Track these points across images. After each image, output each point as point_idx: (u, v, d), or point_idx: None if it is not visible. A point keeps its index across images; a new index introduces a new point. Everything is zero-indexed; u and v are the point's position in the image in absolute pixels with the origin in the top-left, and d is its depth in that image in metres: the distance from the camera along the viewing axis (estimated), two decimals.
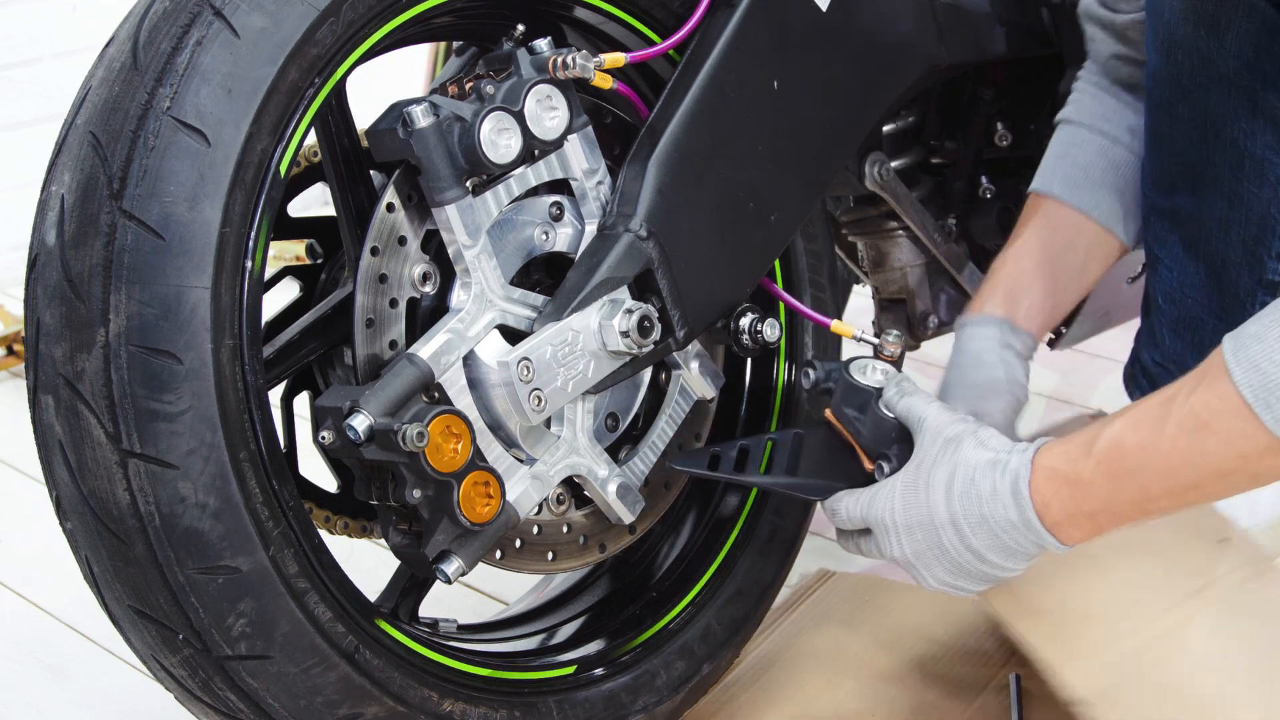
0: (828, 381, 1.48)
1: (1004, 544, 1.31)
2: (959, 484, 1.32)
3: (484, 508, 1.32)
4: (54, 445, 1.22)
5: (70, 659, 1.87)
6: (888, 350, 1.48)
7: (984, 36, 1.75)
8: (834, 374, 1.48)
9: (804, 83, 1.51)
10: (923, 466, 1.35)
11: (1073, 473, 1.27)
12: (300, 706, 1.27)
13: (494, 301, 1.36)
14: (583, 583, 1.66)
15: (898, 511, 1.35)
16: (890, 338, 1.48)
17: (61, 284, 1.20)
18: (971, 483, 1.31)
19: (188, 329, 1.19)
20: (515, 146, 1.34)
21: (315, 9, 1.26)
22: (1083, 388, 2.41)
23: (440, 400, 1.32)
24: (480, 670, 1.41)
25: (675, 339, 1.42)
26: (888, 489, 1.36)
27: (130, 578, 1.22)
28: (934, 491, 1.33)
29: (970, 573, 1.34)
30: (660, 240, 1.40)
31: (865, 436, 1.44)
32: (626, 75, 1.51)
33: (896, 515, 1.35)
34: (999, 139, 1.85)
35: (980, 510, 1.30)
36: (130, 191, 1.19)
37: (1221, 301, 1.57)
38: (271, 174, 1.25)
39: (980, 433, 1.35)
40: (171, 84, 1.20)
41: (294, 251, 1.48)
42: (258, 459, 1.24)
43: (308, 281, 1.50)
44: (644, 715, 1.52)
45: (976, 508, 1.31)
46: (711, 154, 1.44)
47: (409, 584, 1.43)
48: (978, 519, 1.31)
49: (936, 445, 1.35)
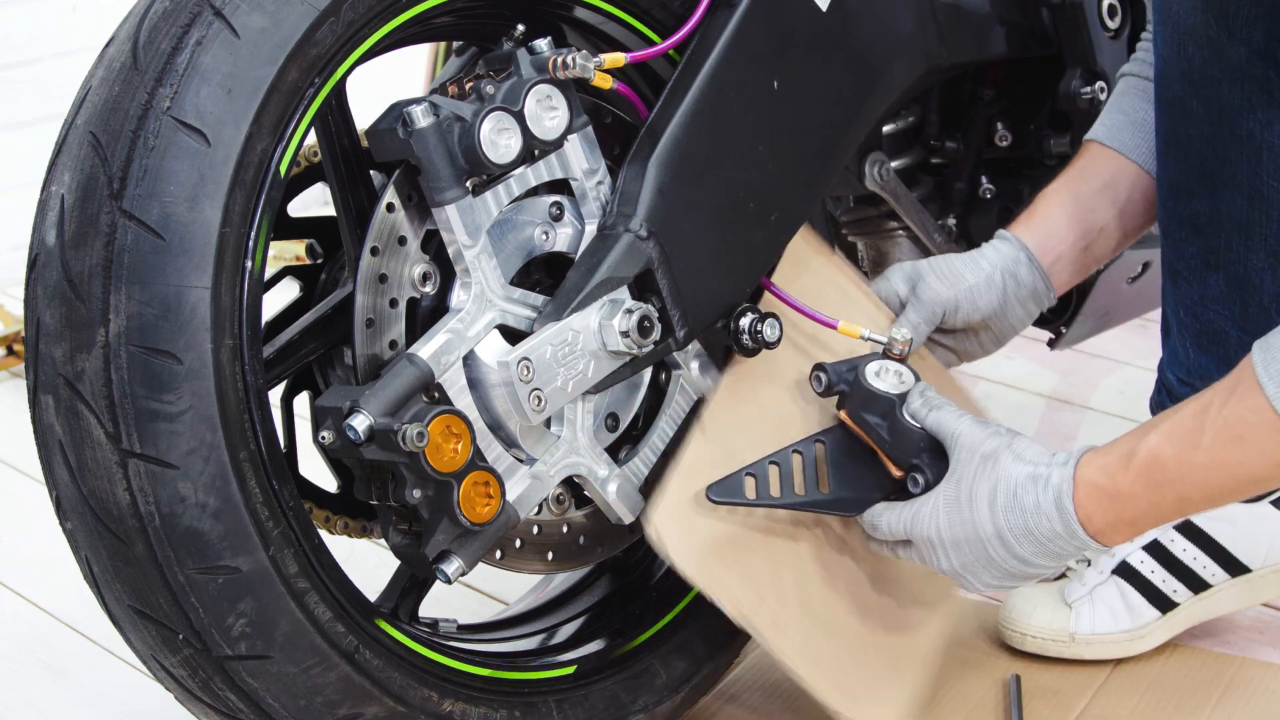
0: (840, 385, 1.48)
1: (1050, 551, 1.36)
2: (1001, 499, 1.35)
3: (484, 508, 1.32)
4: (54, 445, 1.22)
5: (70, 659, 1.87)
6: (896, 349, 1.48)
7: (984, 36, 1.75)
8: (846, 377, 1.47)
9: (804, 83, 1.51)
10: (963, 483, 1.38)
11: (1113, 486, 1.32)
12: (300, 706, 1.27)
13: (494, 301, 1.36)
14: (583, 583, 1.66)
15: (943, 529, 1.38)
16: (899, 335, 1.48)
17: (61, 284, 1.20)
18: (1014, 497, 1.35)
19: (188, 329, 1.19)
20: (515, 146, 1.34)
21: (315, 9, 1.26)
22: (1083, 388, 2.41)
23: (440, 400, 1.32)
24: (480, 670, 1.41)
25: (675, 339, 1.42)
26: (930, 505, 1.39)
27: (130, 578, 1.22)
28: (978, 507, 1.36)
29: (1016, 575, 1.38)
30: (660, 240, 1.40)
31: (890, 444, 1.45)
32: (626, 75, 1.51)
33: (942, 532, 1.38)
34: (999, 139, 1.85)
35: (1025, 523, 1.35)
36: (130, 191, 1.19)
37: (1244, 311, 1.55)
38: (271, 174, 1.25)
39: (1015, 445, 1.38)
40: (171, 84, 1.20)
41: (294, 251, 1.48)
42: (258, 459, 1.24)
43: (308, 281, 1.50)
44: (644, 715, 1.52)
45: (1021, 521, 1.35)
46: (711, 154, 1.44)
47: (409, 584, 1.43)
48: (1023, 531, 1.35)
49: (974, 461, 1.38)
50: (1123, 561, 1.68)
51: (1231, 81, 1.47)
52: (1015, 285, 1.58)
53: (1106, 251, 1.64)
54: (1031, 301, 1.60)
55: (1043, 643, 1.68)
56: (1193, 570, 1.68)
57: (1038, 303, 1.60)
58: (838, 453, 1.48)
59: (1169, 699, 1.61)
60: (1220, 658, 1.68)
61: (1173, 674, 1.65)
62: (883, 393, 1.44)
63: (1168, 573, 1.67)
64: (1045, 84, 1.82)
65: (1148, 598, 1.67)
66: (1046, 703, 1.61)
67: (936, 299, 1.56)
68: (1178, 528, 1.67)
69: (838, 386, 1.48)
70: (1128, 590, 1.67)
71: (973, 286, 1.56)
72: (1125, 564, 1.67)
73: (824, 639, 1.49)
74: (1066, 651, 1.67)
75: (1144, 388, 1.76)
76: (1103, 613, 1.67)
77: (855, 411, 1.46)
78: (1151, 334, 1.70)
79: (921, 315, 1.56)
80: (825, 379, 1.48)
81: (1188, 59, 1.49)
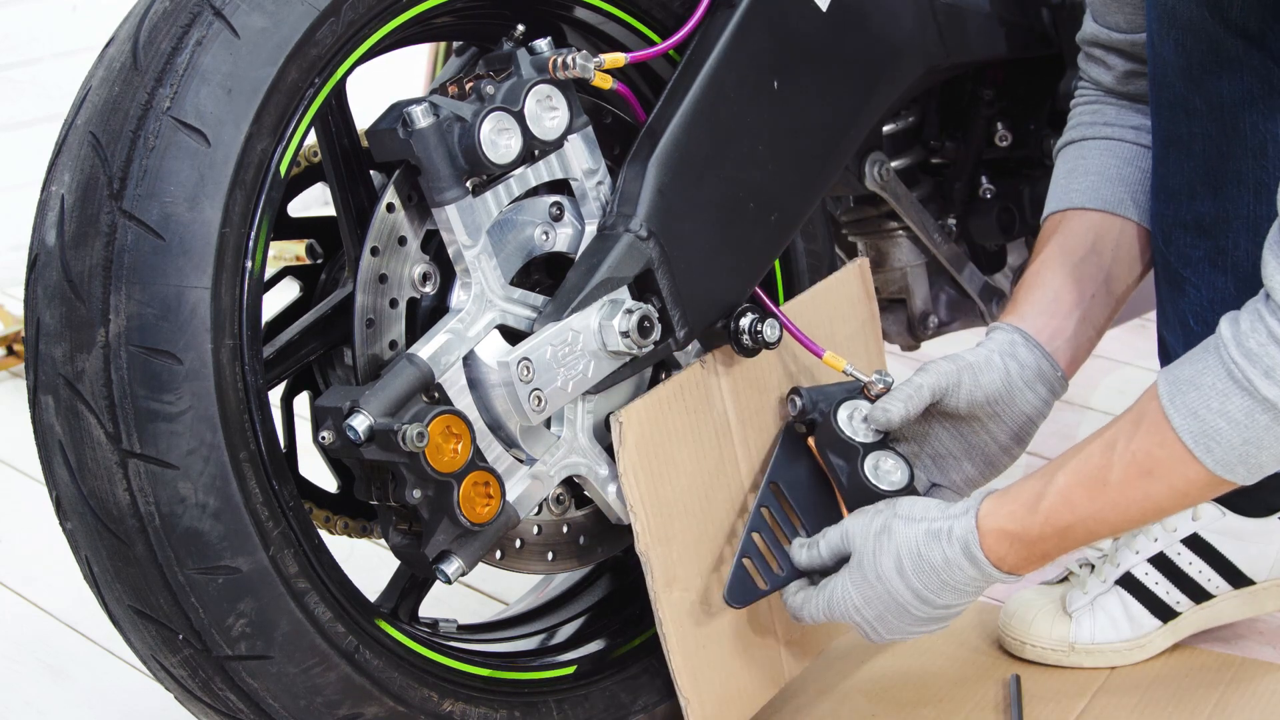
0: (813, 413, 1.49)
1: (967, 593, 1.38)
2: (909, 563, 1.37)
3: (484, 508, 1.32)
4: (54, 445, 1.22)
5: (70, 659, 1.87)
6: (874, 392, 1.48)
7: (984, 36, 1.75)
8: (820, 406, 1.49)
9: (804, 83, 1.51)
10: (865, 562, 1.39)
11: (1022, 530, 1.34)
12: (300, 707, 1.27)
13: (494, 302, 1.36)
14: (583, 583, 1.66)
15: (861, 608, 1.40)
16: (877, 379, 1.48)
17: (61, 284, 1.20)
18: (919, 558, 1.37)
19: (188, 329, 1.19)
20: (515, 146, 1.34)
21: (315, 9, 1.26)
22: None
23: (440, 400, 1.32)
24: (480, 670, 1.41)
25: (675, 339, 1.42)
26: (840, 588, 1.41)
27: (130, 578, 1.22)
28: (887, 579, 1.38)
29: (946, 618, 1.41)
30: (660, 240, 1.40)
31: (845, 489, 1.47)
32: (626, 75, 1.51)
33: (861, 610, 1.40)
34: (999, 139, 1.85)
35: (939, 579, 1.37)
36: (130, 191, 1.19)
37: None
38: (271, 174, 1.25)
39: (899, 508, 1.40)
40: (171, 84, 1.20)
41: (294, 251, 1.48)
42: (258, 459, 1.24)
43: (308, 281, 1.50)
44: (644, 715, 1.52)
45: (935, 578, 1.37)
46: (712, 154, 1.44)
47: (409, 584, 1.43)
48: (939, 586, 1.37)
49: (870, 541, 1.39)
50: (1127, 573, 1.67)
51: (1231, 74, 1.45)
52: (1018, 367, 1.49)
53: (1103, 318, 1.57)
54: (1040, 383, 1.50)
55: (1042, 651, 1.68)
56: (1196, 582, 1.67)
57: (1047, 385, 1.50)
58: (793, 488, 1.50)
59: (1169, 699, 1.61)
60: (1220, 658, 1.68)
61: (1173, 674, 1.65)
62: (849, 440, 1.46)
63: (1171, 584, 1.67)
64: (1045, 84, 1.82)
65: (1149, 608, 1.67)
66: (1046, 703, 1.61)
67: (938, 369, 1.48)
68: (1184, 541, 1.66)
69: (810, 414, 1.50)
70: (1129, 601, 1.67)
71: (973, 364, 1.48)
72: (1129, 575, 1.67)
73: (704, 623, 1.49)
74: (1065, 660, 1.67)
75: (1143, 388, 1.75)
76: (1103, 621, 1.67)
77: (821, 445, 1.49)
78: (1151, 334, 1.69)
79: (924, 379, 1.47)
80: (800, 404, 1.50)
81: (1186, 54, 1.47)
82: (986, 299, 1.89)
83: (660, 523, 1.44)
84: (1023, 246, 1.94)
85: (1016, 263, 1.94)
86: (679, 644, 1.46)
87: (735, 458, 1.51)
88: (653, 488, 1.43)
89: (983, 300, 1.89)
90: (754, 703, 1.54)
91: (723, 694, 1.50)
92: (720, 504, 1.50)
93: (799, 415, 1.50)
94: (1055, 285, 1.54)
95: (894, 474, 1.45)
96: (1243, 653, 1.69)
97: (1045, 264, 1.56)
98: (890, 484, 1.45)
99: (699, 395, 1.48)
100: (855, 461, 1.45)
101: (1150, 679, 1.65)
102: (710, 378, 1.49)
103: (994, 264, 1.92)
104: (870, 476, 1.45)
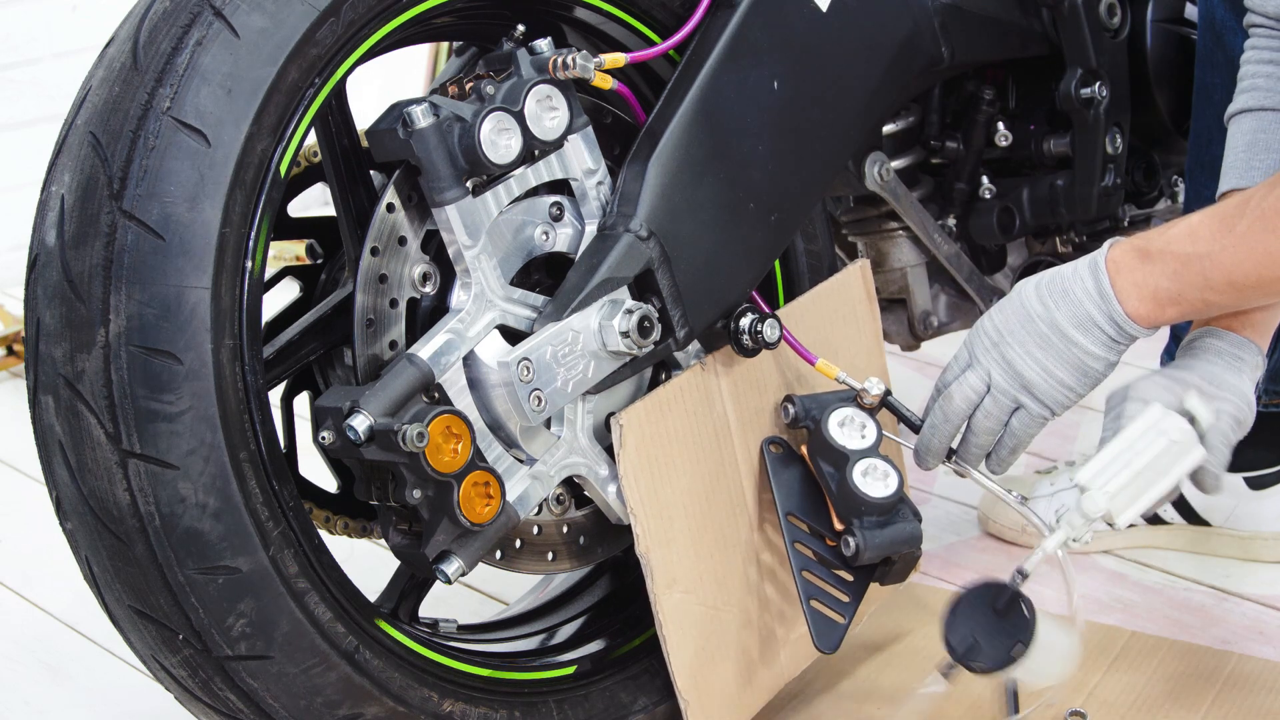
0: (806, 420, 1.50)
1: (1080, 315, 1.38)
2: (1046, 280, 1.41)
3: (484, 508, 1.32)
4: (54, 445, 1.22)
5: (70, 659, 1.87)
6: (867, 400, 1.48)
7: (984, 36, 1.75)
8: (813, 413, 1.50)
9: (804, 83, 1.51)
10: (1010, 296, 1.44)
11: (1144, 245, 1.37)
12: (300, 707, 1.28)
13: (494, 302, 1.36)
14: (583, 583, 1.66)
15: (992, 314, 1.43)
16: (870, 386, 1.48)
17: (61, 284, 1.20)
18: (1056, 275, 1.41)
19: (188, 329, 1.19)
20: (515, 147, 1.34)
21: (315, 9, 1.26)
22: None
23: (440, 400, 1.32)
24: (480, 670, 1.42)
25: (675, 339, 1.42)
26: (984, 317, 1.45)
27: (130, 578, 1.22)
28: (1021, 291, 1.42)
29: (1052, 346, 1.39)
30: (660, 240, 1.40)
31: (836, 497, 1.47)
32: (626, 75, 1.51)
33: (992, 317, 1.42)
34: (999, 139, 1.85)
35: (1062, 286, 1.40)
36: (130, 192, 1.19)
37: None
38: (271, 174, 1.25)
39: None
40: (171, 84, 1.20)
41: (294, 251, 1.48)
42: (258, 459, 1.24)
43: (308, 281, 1.50)
44: (644, 715, 1.52)
45: (1059, 285, 1.40)
46: (712, 154, 1.44)
47: (409, 584, 1.43)
48: (1060, 294, 1.39)
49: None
50: None
51: (1242, 31, 1.49)
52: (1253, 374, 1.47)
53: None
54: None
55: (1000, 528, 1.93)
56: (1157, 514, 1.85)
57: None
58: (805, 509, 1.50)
59: (1166, 695, 1.61)
60: (1218, 654, 1.68)
61: (1170, 670, 1.65)
62: (839, 446, 1.46)
63: None
64: (1045, 84, 1.82)
65: None
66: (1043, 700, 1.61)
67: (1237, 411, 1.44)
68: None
69: (803, 422, 1.51)
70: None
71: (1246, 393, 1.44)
72: None
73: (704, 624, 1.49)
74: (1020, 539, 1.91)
75: None
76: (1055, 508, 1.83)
77: (813, 453, 1.50)
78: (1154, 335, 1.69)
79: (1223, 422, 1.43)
80: (793, 412, 1.51)
81: (1211, 9, 1.55)
82: (986, 299, 1.89)
83: (660, 525, 1.44)
84: (1022, 246, 1.94)
85: (1016, 263, 1.94)
86: (679, 645, 1.46)
87: (735, 459, 1.51)
88: (653, 490, 1.43)
89: (983, 300, 1.89)
90: (754, 703, 1.54)
91: (722, 694, 1.50)
92: (720, 505, 1.50)
93: (792, 422, 1.52)
94: None
95: (883, 480, 1.45)
96: (1240, 650, 1.69)
97: None
98: (879, 491, 1.44)
99: (699, 397, 1.48)
100: (844, 468, 1.45)
101: (1147, 675, 1.65)
102: (710, 379, 1.50)
103: (994, 264, 1.92)
104: (859, 483, 1.44)
